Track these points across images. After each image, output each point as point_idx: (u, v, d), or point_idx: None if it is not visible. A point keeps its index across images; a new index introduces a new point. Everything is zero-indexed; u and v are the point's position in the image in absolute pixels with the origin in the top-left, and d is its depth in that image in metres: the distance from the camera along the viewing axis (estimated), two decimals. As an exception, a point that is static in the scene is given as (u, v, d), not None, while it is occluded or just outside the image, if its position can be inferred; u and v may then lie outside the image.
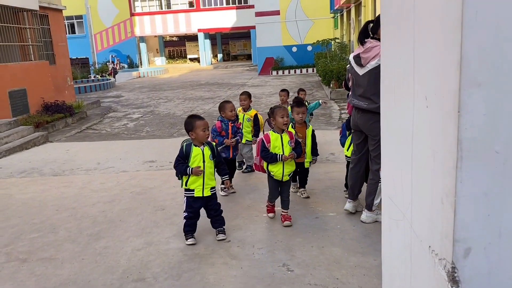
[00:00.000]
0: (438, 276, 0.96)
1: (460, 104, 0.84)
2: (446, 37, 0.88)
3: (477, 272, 0.91)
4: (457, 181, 0.87)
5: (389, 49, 1.27)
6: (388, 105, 1.31)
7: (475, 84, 0.83)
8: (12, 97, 10.80)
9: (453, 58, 0.84)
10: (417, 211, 1.11)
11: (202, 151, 3.97)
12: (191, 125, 3.96)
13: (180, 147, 4.06)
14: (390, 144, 1.33)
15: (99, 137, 10.38)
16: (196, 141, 3.99)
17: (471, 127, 0.85)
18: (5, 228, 4.63)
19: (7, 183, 6.48)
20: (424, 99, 1.00)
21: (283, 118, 4.28)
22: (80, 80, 23.43)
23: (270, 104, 13.61)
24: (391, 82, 1.26)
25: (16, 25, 11.79)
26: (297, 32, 26.64)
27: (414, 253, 1.13)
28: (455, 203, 0.88)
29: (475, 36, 0.82)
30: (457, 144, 0.85)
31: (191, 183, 3.98)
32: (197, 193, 3.98)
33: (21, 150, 8.84)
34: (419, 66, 1.04)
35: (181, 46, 45.21)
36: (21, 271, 3.67)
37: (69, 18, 32.55)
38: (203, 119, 4.03)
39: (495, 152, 0.86)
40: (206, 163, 3.98)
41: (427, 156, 1.01)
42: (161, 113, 13.35)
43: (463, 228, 0.89)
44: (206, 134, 3.99)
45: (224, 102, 5.41)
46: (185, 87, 20.60)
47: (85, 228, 4.53)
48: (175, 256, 3.79)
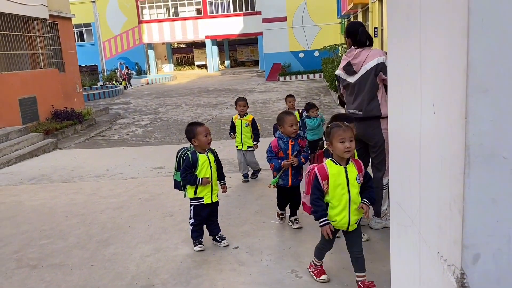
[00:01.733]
0: (447, 282, 0.96)
1: (467, 111, 0.84)
2: (452, 44, 0.88)
3: (486, 278, 0.91)
4: (465, 187, 0.87)
5: (396, 56, 1.28)
6: (396, 111, 1.32)
7: (482, 90, 0.83)
8: (22, 104, 10.93)
9: (459, 65, 0.85)
10: (425, 217, 1.11)
11: (208, 158, 3.95)
12: (192, 133, 3.92)
13: (182, 156, 3.97)
14: (398, 150, 1.33)
15: (107, 144, 10.46)
16: (199, 148, 3.96)
17: (479, 133, 0.85)
18: (16, 235, 4.67)
19: (18, 190, 6.54)
20: (431, 105, 1.01)
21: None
22: (89, 87, 23.66)
23: (278, 110, 13.62)
24: (399, 88, 1.27)
25: (26, 34, 11.95)
26: (304, 38, 26.69)
27: (423, 259, 1.13)
28: (463, 209, 0.88)
29: (481, 42, 0.82)
30: (465, 150, 0.85)
31: (200, 191, 3.96)
32: (207, 200, 3.98)
33: (31, 157, 8.93)
34: (426, 73, 1.04)
35: (189, 53, 45.48)
36: (31, 277, 3.70)
37: (78, 26, 32.90)
38: (203, 125, 4.00)
39: (503, 158, 0.86)
40: (213, 169, 3.98)
41: (434, 162, 1.01)
42: (169, 120, 13.42)
43: (472, 234, 0.89)
44: (209, 140, 3.95)
45: (284, 114, 4.27)
46: (193, 94, 20.70)
47: (94, 234, 4.55)
48: (184, 262, 3.80)
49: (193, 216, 4.04)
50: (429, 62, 1.02)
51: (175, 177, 4.09)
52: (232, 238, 4.20)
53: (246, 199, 5.36)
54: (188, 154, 3.93)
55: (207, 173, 3.93)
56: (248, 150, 6.05)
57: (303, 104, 7.53)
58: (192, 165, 3.90)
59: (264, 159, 4.58)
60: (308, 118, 6.43)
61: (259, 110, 14.01)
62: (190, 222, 4.07)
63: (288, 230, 4.34)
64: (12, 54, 11.31)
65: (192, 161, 3.90)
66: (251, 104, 15.64)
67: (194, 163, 3.90)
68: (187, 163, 3.90)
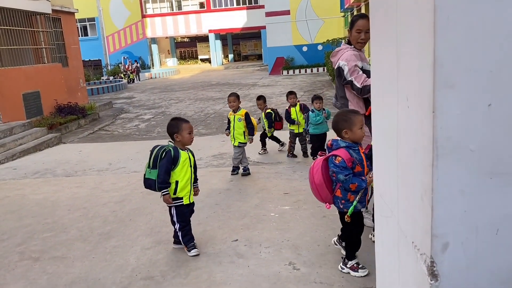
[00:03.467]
0: (420, 270, 0.99)
1: (435, 105, 0.87)
2: (421, 41, 0.91)
3: (455, 266, 0.94)
4: (434, 179, 0.90)
5: (378, 52, 1.31)
6: (378, 105, 1.35)
7: (449, 85, 0.86)
8: (26, 99, 11.01)
9: (427, 61, 0.88)
10: (402, 208, 1.14)
11: (189, 156, 3.80)
12: (176, 128, 3.75)
13: (160, 152, 3.67)
14: (380, 143, 1.36)
15: (111, 138, 10.52)
16: (179, 144, 3.78)
17: (446, 127, 0.88)
18: (19, 228, 4.74)
19: (21, 184, 6.62)
20: (405, 99, 1.04)
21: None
22: (93, 82, 23.74)
23: (281, 104, 13.61)
24: (380, 83, 1.30)
25: (29, 29, 12.01)
26: (307, 31, 26.61)
27: (401, 249, 1.17)
28: (433, 200, 0.91)
29: (447, 39, 0.85)
30: (433, 143, 0.89)
31: (181, 190, 3.77)
32: (186, 201, 3.81)
33: (35, 151, 9.02)
34: (402, 68, 1.07)
35: (192, 47, 45.47)
36: (34, 270, 3.76)
37: (81, 21, 32.97)
38: (188, 122, 3.83)
39: (470, 150, 0.89)
40: (192, 169, 3.82)
41: (409, 154, 1.04)
42: (173, 114, 13.46)
43: (441, 224, 0.92)
44: (191, 138, 3.80)
45: (351, 113, 3.20)
46: (196, 88, 20.73)
47: (96, 227, 4.62)
48: (183, 255, 3.85)
49: (177, 218, 3.84)
50: (404, 58, 1.05)
51: (146, 175, 3.77)
52: (231, 231, 4.25)
53: (246, 193, 5.40)
54: (169, 149, 3.70)
55: (187, 172, 3.77)
56: (239, 146, 6.09)
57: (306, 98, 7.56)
58: (173, 161, 3.69)
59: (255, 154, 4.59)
60: (312, 112, 6.46)
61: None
62: (177, 226, 3.84)
63: (287, 223, 4.38)
64: (15, 49, 11.37)
65: (173, 157, 3.69)
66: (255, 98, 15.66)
67: (175, 159, 3.70)
68: (168, 159, 3.67)
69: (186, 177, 3.78)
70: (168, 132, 3.83)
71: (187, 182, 3.79)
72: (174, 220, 3.87)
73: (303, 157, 6.89)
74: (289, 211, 4.69)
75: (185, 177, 3.77)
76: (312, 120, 6.43)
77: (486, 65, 0.86)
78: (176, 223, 3.86)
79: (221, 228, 4.35)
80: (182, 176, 3.75)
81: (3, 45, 10.95)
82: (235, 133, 6.06)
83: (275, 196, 5.17)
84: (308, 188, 5.36)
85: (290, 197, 5.10)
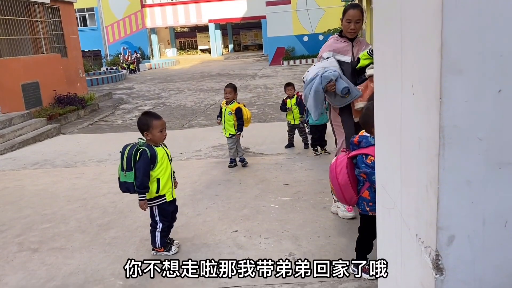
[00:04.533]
0: (424, 264, 0.96)
1: (442, 91, 0.83)
2: (428, 24, 0.87)
3: (461, 260, 0.91)
4: (440, 169, 0.86)
5: (381, 37, 1.26)
6: (381, 93, 1.31)
7: (457, 70, 0.82)
8: (25, 90, 10.94)
9: (434, 45, 0.83)
10: (406, 199, 1.11)
11: (166, 151, 3.59)
12: (146, 125, 3.45)
13: (134, 153, 3.39)
14: (382, 132, 1.32)
15: (111, 129, 10.48)
16: (151, 142, 3.52)
17: (453, 114, 0.84)
18: (18, 219, 4.72)
19: (21, 175, 6.59)
20: (410, 86, 0.99)
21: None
22: (93, 73, 23.63)
23: (281, 95, 13.55)
24: (383, 70, 1.26)
25: (27, 18, 11.90)
26: (308, 21, 26.41)
27: (404, 242, 1.13)
28: (438, 191, 0.87)
29: (455, 22, 0.80)
30: (439, 132, 0.85)
31: (163, 188, 3.56)
32: (168, 197, 3.62)
33: (34, 142, 8.98)
34: (406, 54, 1.03)
35: (192, 37, 45.20)
36: (33, 261, 3.75)
37: (80, 11, 32.73)
38: (160, 119, 3.52)
39: (478, 139, 0.86)
40: (171, 163, 3.65)
41: (413, 143, 1.01)
42: (172, 105, 13.41)
43: (447, 216, 0.88)
44: (164, 135, 3.53)
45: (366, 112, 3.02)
46: (196, 78, 20.62)
47: (95, 218, 4.60)
48: (183, 246, 3.83)
49: (160, 218, 3.61)
50: (408, 43, 1.00)
51: (122, 178, 3.49)
52: (231, 222, 4.23)
53: (246, 184, 5.38)
54: (144, 149, 3.42)
55: (168, 168, 3.57)
56: (230, 137, 6.05)
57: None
58: (151, 161, 3.44)
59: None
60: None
61: (262, 95, 13.96)
62: (159, 227, 3.61)
63: (287, 214, 4.36)
64: (14, 39, 11.28)
65: (150, 157, 3.43)
66: (255, 88, 15.58)
67: (153, 158, 3.45)
68: (145, 160, 3.39)
69: (167, 174, 3.58)
70: (139, 128, 3.52)
71: (168, 178, 3.60)
72: (157, 219, 3.62)
73: (303, 149, 6.85)
74: (289, 202, 4.66)
75: (166, 174, 3.57)
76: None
77: (496, 48, 0.81)
78: (158, 223, 3.61)
79: (221, 219, 4.32)
80: (163, 173, 3.54)
81: (1, 35, 10.87)
82: (225, 124, 6.01)
83: (275, 187, 5.15)
84: (309, 179, 5.36)
85: (290, 188, 5.08)
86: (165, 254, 3.62)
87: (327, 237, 3.82)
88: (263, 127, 9.15)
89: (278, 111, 10.86)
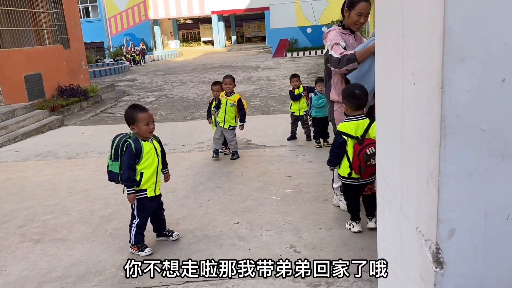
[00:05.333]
0: (424, 257, 0.94)
1: (444, 80, 0.80)
2: (430, 11, 0.84)
3: (462, 253, 0.89)
4: (441, 160, 0.84)
5: (382, 27, 1.24)
6: (381, 83, 1.28)
7: (459, 59, 0.80)
8: (28, 81, 10.93)
9: (436, 32, 0.81)
10: (406, 192, 1.09)
11: (154, 145, 3.46)
12: (132, 118, 3.34)
13: (121, 145, 3.35)
14: (383, 123, 1.30)
15: (113, 121, 10.47)
16: (139, 136, 3.40)
17: (455, 104, 0.82)
18: (20, 210, 4.73)
19: (23, 166, 6.60)
20: (411, 75, 0.97)
21: None
22: (95, 64, 23.60)
23: (284, 87, 13.49)
24: (384, 59, 1.23)
25: (30, 10, 11.86)
26: (311, 12, 26.23)
27: (404, 234, 1.12)
28: (439, 183, 0.85)
29: (458, 9, 0.78)
30: (441, 122, 0.82)
31: (145, 182, 3.44)
32: (150, 193, 3.49)
33: (37, 133, 8.99)
34: (408, 43, 1.00)
35: (195, 29, 45.03)
36: (34, 251, 3.76)
37: (83, 2, 32.61)
38: (146, 111, 3.39)
39: (481, 130, 0.83)
40: (159, 158, 3.52)
41: (414, 134, 0.98)
42: (175, 97, 13.38)
43: (447, 208, 0.86)
44: (151, 129, 3.39)
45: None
46: (199, 70, 20.57)
47: (97, 210, 4.60)
48: (185, 238, 3.83)
49: (138, 213, 3.49)
50: (410, 30, 0.98)
51: (109, 167, 3.50)
52: (233, 214, 4.23)
53: (248, 176, 5.36)
54: (130, 142, 3.35)
55: (154, 163, 3.45)
56: (229, 129, 6.02)
57: (309, 81, 7.45)
58: (136, 155, 3.35)
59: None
60: (315, 95, 6.38)
61: (265, 87, 13.90)
62: (136, 221, 3.50)
63: (289, 206, 4.35)
64: (16, 31, 11.26)
65: (135, 151, 3.34)
66: (257, 81, 15.52)
67: (138, 152, 3.36)
68: (130, 155, 3.32)
69: (152, 168, 3.45)
70: (125, 121, 3.41)
71: (153, 173, 3.46)
72: (134, 214, 3.51)
73: (305, 141, 6.83)
74: (290, 194, 4.65)
75: (150, 168, 3.44)
76: (314, 103, 6.35)
77: (501, 36, 0.78)
78: (135, 218, 3.50)
79: (222, 211, 4.32)
80: (148, 167, 3.43)
81: (4, 26, 10.84)
82: (226, 116, 5.96)
83: (277, 179, 5.14)
84: (311, 172, 5.34)
85: (292, 181, 5.06)
86: (137, 254, 3.50)
87: (328, 229, 3.81)
88: (266, 119, 9.12)
89: (280, 103, 10.83)
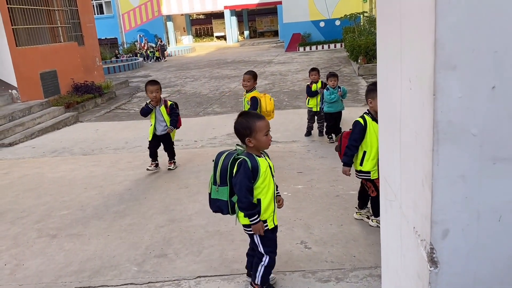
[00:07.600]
0: (421, 256, 0.97)
1: (436, 87, 0.83)
2: (423, 20, 0.87)
3: (455, 253, 0.92)
4: (434, 164, 0.87)
5: (383, 32, 1.26)
6: (383, 86, 1.31)
7: (450, 66, 0.82)
8: (44, 78, 11.12)
9: (428, 41, 0.84)
10: (405, 192, 1.12)
11: (268, 163, 2.86)
12: (249, 129, 2.72)
13: (229, 161, 2.75)
14: (385, 125, 1.33)
15: (127, 117, 10.59)
16: (254, 150, 2.79)
17: (447, 110, 0.85)
18: (37, 206, 4.85)
19: (40, 162, 6.75)
20: (408, 81, 1.00)
21: None
22: (110, 60, 23.81)
23: (297, 82, 13.49)
24: (385, 64, 1.26)
25: (45, 8, 12.03)
26: (324, 6, 26.05)
27: (403, 234, 1.15)
28: (432, 185, 0.88)
29: (449, 19, 0.80)
30: (433, 127, 0.85)
31: (264, 211, 2.80)
32: (270, 224, 2.88)
33: (53, 130, 9.15)
34: (405, 50, 1.03)
35: (208, 24, 45.08)
36: (51, 246, 3.87)
37: (97, -1, 32.86)
38: (263, 119, 2.79)
39: (472, 135, 0.86)
40: (274, 179, 2.89)
41: (411, 138, 1.01)
42: (188, 92, 13.46)
43: (441, 210, 0.89)
44: (270, 139, 2.83)
45: None
46: (212, 66, 20.63)
47: (111, 205, 4.70)
48: (197, 233, 3.89)
49: (266, 248, 2.89)
50: (407, 38, 1.00)
51: (213, 195, 2.90)
52: (244, 210, 4.27)
53: (260, 171, 5.40)
54: (244, 159, 2.73)
55: (271, 186, 2.82)
56: None
57: (322, 75, 7.43)
58: (253, 174, 2.73)
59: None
60: (327, 90, 6.37)
61: (277, 82, 13.91)
62: (264, 261, 2.89)
63: (300, 202, 4.38)
64: (32, 29, 11.44)
65: (252, 169, 2.71)
66: (270, 75, 15.52)
67: (254, 171, 2.73)
68: (247, 175, 2.69)
69: (269, 193, 2.79)
70: (237, 134, 2.81)
71: (271, 199, 2.81)
72: (261, 250, 2.88)
73: (318, 136, 6.84)
74: (302, 190, 4.68)
75: (268, 193, 2.78)
76: (326, 98, 6.34)
77: (491, 45, 0.81)
78: (264, 255, 2.87)
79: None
80: (265, 192, 2.76)
81: (20, 25, 11.02)
82: None
83: (289, 175, 5.17)
84: (322, 168, 5.36)
85: (303, 176, 5.09)
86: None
87: (339, 226, 3.83)
88: (278, 114, 9.10)
89: (293, 98, 10.83)
